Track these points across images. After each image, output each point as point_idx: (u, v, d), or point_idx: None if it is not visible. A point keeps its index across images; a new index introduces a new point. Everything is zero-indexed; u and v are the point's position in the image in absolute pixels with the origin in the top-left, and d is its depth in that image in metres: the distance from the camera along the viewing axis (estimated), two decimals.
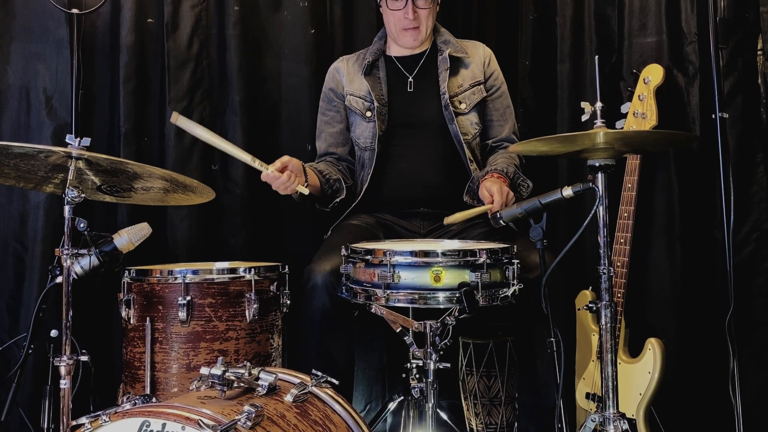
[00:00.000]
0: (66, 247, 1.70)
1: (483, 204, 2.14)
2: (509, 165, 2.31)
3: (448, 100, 2.37)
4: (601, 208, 1.65)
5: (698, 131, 2.37)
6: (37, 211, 2.46)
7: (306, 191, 2.14)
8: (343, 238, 1.89)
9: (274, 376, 1.44)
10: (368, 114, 2.41)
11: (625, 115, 2.34)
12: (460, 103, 2.40)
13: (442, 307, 1.72)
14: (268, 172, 2.07)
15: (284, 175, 2.08)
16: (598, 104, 1.68)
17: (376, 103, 2.38)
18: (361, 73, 2.45)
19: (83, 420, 1.28)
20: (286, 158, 2.13)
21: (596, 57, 1.83)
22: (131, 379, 1.98)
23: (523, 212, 1.74)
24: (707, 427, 2.32)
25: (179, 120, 1.98)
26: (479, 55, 2.48)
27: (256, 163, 2.06)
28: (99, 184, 1.85)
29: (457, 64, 2.44)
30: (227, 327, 1.95)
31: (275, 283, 2.08)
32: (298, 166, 2.17)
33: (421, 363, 1.80)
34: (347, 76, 2.49)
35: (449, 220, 2.08)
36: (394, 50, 2.50)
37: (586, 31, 2.67)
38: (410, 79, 2.45)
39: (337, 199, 2.39)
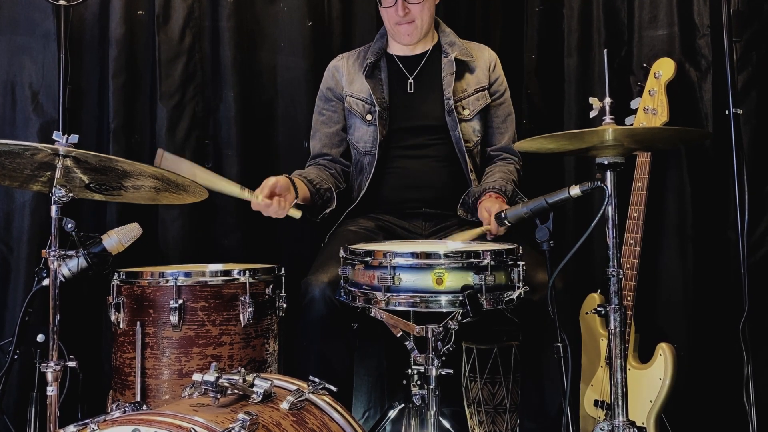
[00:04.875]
0: (53, 248, 1.70)
1: (479, 219, 2.15)
2: (507, 182, 2.31)
3: (452, 106, 2.37)
4: (609, 208, 1.65)
5: (711, 128, 2.37)
6: (23, 210, 2.46)
7: (298, 214, 2.17)
8: (341, 246, 1.89)
9: (270, 382, 1.44)
10: (368, 117, 2.40)
11: (635, 111, 2.34)
12: (464, 108, 2.40)
13: (444, 310, 1.72)
14: (258, 201, 2.09)
15: (274, 203, 2.09)
16: (607, 100, 1.68)
17: (377, 107, 2.38)
18: (362, 74, 2.44)
19: (71, 428, 1.28)
20: (272, 180, 2.13)
21: (605, 51, 1.83)
22: (121, 386, 1.98)
23: (528, 212, 1.74)
24: None
25: (163, 161, 1.98)
26: (485, 59, 2.48)
27: (246, 193, 2.09)
28: (87, 183, 1.85)
29: (462, 68, 2.43)
30: (221, 331, 1.95)
31: (271, 286, 2.08)
32: (285, 185, 2.17)
33: (422, 369, 1.80)
34: (347, 76, 2.48)
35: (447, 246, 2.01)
36: (396, 48, 2.49)
37: (595, 23, 2.66)
38: (410, 80, 2.44)
39: (327, 211, 2.38)
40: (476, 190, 2.31)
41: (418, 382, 1.90)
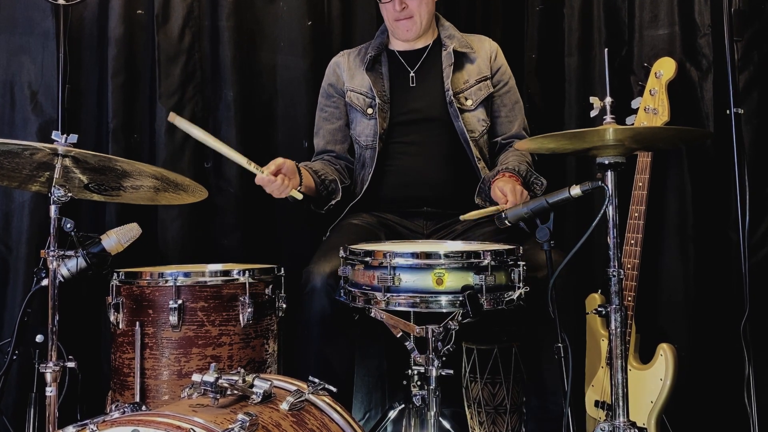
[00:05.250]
0: (52, 248, 1.71)
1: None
2: (521, 163, 2.30)
3: (452, 97, 2.37)
4: (610, 208, 1.65)
5: (712, 127, 2.37)
6: (22, 210, 2.46)
7: (299, 196, 2.17)
8: (343, 237, 1.89)
9: (269, 383, 1.44)
10: (369, 111, 2.41)
11: (635, 111, 2.34)
12: (466, 99, 2.40)
13: (444, 311, 1.72)
14: (263, 176, 2.09)
15: (278, 179, 2.10)
16: (608, 99, 1.68)
17: (377, 100, 2.38)
18: (362, 68, 2.45)
19: (70, 429, 1.28)
20: (280, 160, 2.14)
21: (606, 50, 1.83)
22: (120, 387, 1.98)
23: (529, 212, 1.74)
24: None
25: (176, 120, 1.99)
26: (485, 50, 2.48)
27: (252, 166, 2.08)
28: (86, 183, 1.86)
29: (462, 60, 2.44)
30: (220, 332, 1.95)
31: (270, 286, 2.08)
32: (292, 168, 2.18)
33: (422, 369, 1.80)
34: (348, 72, 2.49)
35: (465, 217, 2.07)
36: (397, 44, 2.50)
37: (595, 22, 2.67)
38: (411, 74, 2.45)
39: (332, 202, 2.39)
40: (490, 174, 2.31)
41: (419, 383, 1.90)
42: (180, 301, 1.92)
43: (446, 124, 2.38)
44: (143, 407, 1.42)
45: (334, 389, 1.58)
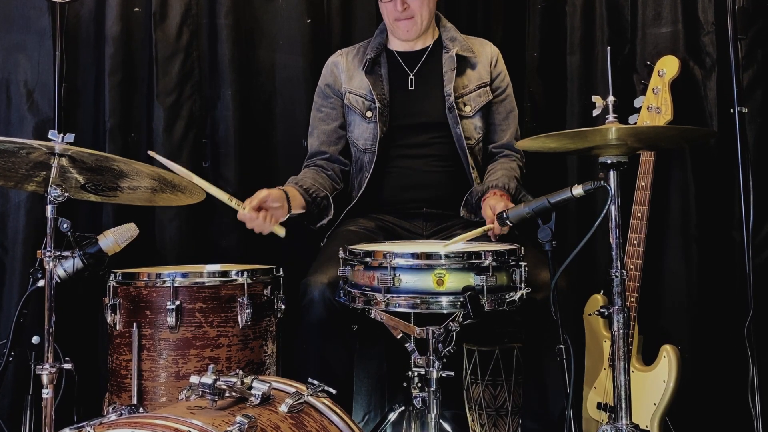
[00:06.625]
0: (48, 248, 1.70)
1: (482, 219, 2.14)
2: (510, 180, 2.29)
3: (453, 102, 2.36)
4: (613, 208, 1.65)
5: (716, 126, 2.37)
6: (18, 210, 2.46)
7: (282, 233, 2.15)
8: (340, 246, 1.88)
9: (268, 385, 1.44)
10: (369, 114, 2.40)
11: (638, 110, 2.34)
12: (465, 105, 2.39)
13: (445, 312, 1.71)
14: (244, 212, 2.07)
15: (260, 217, 2.08)
16: (610, 98, 1.68)
17: (377, 103, 2.37)
18: (361, 69, 2.44)
19: (66, 431, 1.28)
20: (263, 193, 2.11)
21: (608, 48, 1.83)
22: (117, 389, 1.98)
23: (531, 212, 1.74)
24: None
25: (156, 156, 2.03)
26: (486, 55, 2.47)
27: (233, 203, 2.08)
28: (83, 183, 1.85)
29: (463, 64, 2.43)
30: (218, 333, 1.95)
31: (269, 287, 2.08)
32: (277, 197, 2.15)
33: (423, 371, 1.80)
34: (346, 72, 2.48)
35: (448, 245, 1.97)
36: (396, 44, 2.49)
37: (598, 20, 2.66)
38: (411, 77, 2.44)
39: (325, 220, 2.37)
40: (479, 189, 2.31)
41: (419, 385, 1.90)
42: (178, 302, 1.92)
43: (445, 130, 2.37)
44: (140, 409, 1.43)
45: (333, 391, 1.58)
